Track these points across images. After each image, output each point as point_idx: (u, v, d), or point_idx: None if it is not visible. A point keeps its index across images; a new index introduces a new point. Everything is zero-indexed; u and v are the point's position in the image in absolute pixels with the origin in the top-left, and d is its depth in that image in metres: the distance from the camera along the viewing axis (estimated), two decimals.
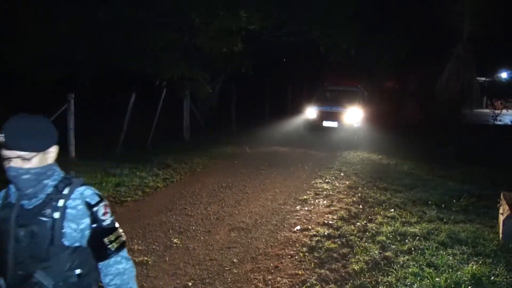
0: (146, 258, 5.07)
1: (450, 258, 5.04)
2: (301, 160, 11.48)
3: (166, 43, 11.17)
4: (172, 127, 14.10)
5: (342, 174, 9.78)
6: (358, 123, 14.51)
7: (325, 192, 8.16)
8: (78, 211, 1.96)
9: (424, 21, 14.55)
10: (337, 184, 8.82)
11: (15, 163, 1.89)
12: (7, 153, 1.88)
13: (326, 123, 14.69)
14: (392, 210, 7.06)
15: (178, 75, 11.99)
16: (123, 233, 2.10)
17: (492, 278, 4.55)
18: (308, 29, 13.25)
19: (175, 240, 5.69)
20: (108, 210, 2.04)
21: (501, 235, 5.65)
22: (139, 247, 5.41)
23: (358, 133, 14.47)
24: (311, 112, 15.10)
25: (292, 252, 5.38)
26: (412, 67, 17.53)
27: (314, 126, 14.90)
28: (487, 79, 19.65)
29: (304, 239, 5.77)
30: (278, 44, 14.50)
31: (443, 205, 7.29)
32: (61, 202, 1.95)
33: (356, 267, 4.88)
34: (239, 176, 9.34)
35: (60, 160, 2.09)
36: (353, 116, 14.48)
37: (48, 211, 1.93)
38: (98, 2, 10.66)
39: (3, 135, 1.85)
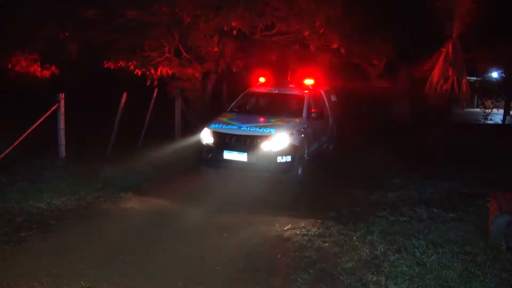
0: (136, 259, 5.06)
1: (440, 256, 5.07)
2: None
3: (156, 42, 11.15)
4: (164, 127, 14.06)
5: None
6: (287, 154, 8.10)
7: None
8: None
9: (413, 20, 14.55)
10: None
11: None
12: None
13: (227, 155, 8.34)
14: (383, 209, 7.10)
15: (169, 75, 11.97)
16: None
17: (481, 276, 4.59)
18: (298, 29, 13.19)
19: (167, 240, 5.68)
20: None
21: (490, 233, 5.70)
22: (130, 248, 5.39)
23: (287, 173, 8.20)
24: (205, 135, 8.77)
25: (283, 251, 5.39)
26: (401, 67, 17.55)
27: (209, 159, 8.64)
28: (478, 79, 19.78)
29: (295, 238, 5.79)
30: (269, 43, 14.44)
31: (433, 204, 7.34)
32: None
33: (346, 266, 4.89)
34: None
35: (51, 161, 2.07)
36: (280, 142, 8.16)
37: None
38: (87, 1, 10.59)
39: None
